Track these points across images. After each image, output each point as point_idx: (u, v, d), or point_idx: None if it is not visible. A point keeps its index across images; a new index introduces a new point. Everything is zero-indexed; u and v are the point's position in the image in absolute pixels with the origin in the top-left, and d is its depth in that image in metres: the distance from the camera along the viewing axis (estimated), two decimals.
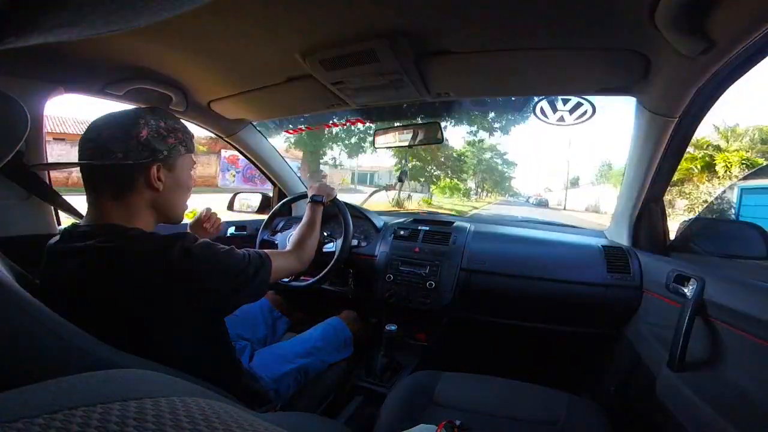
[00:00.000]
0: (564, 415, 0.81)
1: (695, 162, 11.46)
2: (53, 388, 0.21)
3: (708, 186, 11.15)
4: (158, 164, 0.64)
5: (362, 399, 1.02)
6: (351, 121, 1.41)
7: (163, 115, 0.66)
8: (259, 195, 1.74)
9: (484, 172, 31.40)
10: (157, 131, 0.64)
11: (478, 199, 30.15)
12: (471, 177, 29.98)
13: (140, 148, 0.61)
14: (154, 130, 0.63)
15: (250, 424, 0.20)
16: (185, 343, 0.63)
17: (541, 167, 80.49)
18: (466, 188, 27.52)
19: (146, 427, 0.18)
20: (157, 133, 0.64)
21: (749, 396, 0.63)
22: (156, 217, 0.68)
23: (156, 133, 0.63)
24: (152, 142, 0.63)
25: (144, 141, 0.62)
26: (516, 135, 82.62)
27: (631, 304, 1.08)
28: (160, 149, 0.64)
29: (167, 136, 0.65)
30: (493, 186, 34.02)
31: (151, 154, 0.62)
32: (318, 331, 1.13)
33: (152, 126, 0.63)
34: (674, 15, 0.55)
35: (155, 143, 0.63)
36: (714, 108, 0.78)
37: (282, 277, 0.83)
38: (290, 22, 0.71)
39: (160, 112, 0.66)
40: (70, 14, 0.16)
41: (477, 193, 32.14)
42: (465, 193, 26.08)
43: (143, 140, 0.62)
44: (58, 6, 0.15)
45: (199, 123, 1.33)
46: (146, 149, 0.62)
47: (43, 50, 0.79)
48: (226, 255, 0.66)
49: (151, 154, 0.62)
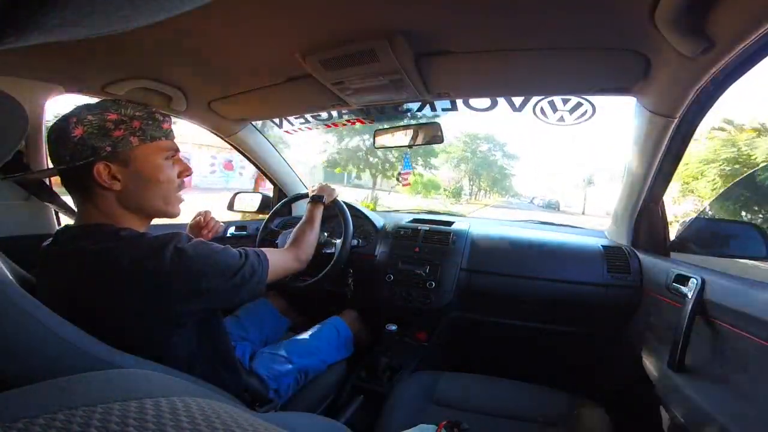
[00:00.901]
0: (564, 415, 0.81)
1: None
2: (54, 388, 0.21)
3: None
4: (104, 162, 0.59)
5: (362, 399, 1.02)
6: (351, 121, 1.41)
7: (113, 106, 0.61)
8: (259, 195, 1.74)
9: (479, 167, 26.77)
10: (99, 126, 0.58)
11: (470, 201, 26.06)
12: (464, 174, 26.58)
13: (79, 148, 0.57)
14: (94, 125, 0.58)
15: (250, 424, 0.20)
16: (185, 344, 0.63)
17: (549, 160, 72.65)
18: (456, 187, 24.01)
19: (146, 427, 0.18)
20: (98, 129, 0.58)
21: (749, 396, 0.63)
22: (138, 215, 0.65)
23: (96, 129, 0.58)
24: (89, 140, 0.58)
25: (79, 140, 0.57)
26: (517, 122, 64.83)
27: (631, 304, 1.08)
28: (101, 145, 0.58)
29: (113, 129, 0.59)
30: (491, 184, 29.14)
31: (92, 152, 0.58)
32: (318, 331, 1.13)
33: (90, 122, 0.58)
34: (674, 15, 0.55)
35: (93, 140, 0.58)
36: (714, 108, 0.78)
37: (280, 276, 0.82)
38: (290, 22, 0.71)
39: (108, 104, 0.61)
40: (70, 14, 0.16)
41: (471, 192, 28.38)
42: (454, 193, 22.39)
43: (78, 140, 0.57)
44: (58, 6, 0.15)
45: (199, 123, 1.33)
46: (86, 148, 0.57)
47: (43, 50, 0.78)
48: (221, 253, 0.64)
49: (92, 152, 0.58)
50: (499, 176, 28.64)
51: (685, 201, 10.14)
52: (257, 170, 1.66)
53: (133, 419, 0.18)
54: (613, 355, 1.18)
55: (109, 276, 0.55)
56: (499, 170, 28.33)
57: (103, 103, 0.61)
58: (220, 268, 0.63)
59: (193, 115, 1.24)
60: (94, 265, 0.55)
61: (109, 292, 0.55)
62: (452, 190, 22.98)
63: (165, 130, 0.66)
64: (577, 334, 1.20)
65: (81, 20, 0.16)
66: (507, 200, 30.70)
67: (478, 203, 25.82)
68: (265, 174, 1.67)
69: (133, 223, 0.64)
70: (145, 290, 0.56)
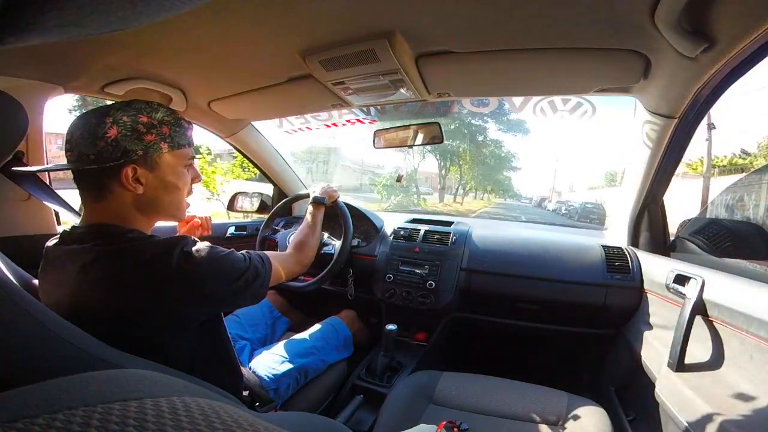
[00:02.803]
0: (564, 415, 0.81)
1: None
2: (54, 388, 0.21)
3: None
4: (132, 165, 0.58)
5: (362, 399, 1.03)
6: (351, 121, 1.41)
7: (146, 108, 0.60)
8: (258, 195, 1.74)
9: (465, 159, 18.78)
10: (132, 128, 0.57)
11: (448, 204, 19.40)
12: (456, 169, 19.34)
13: (110, 149, 0.56)
14: (127, 127, 0.57)
15: (250, 424, 0.20)
16: (185, 344, 0.63)
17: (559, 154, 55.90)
18: (394, 176, 15.66)
19: (147, 427, 0.18)
20: (132, 131, 0.57)
21: (749, 396, 0.63)
22: (148, 217, 0.65)
23: (129, 131, 0.57)
24: (123, 142, 0.56)
25: (113, 141, 0.56)
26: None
27: (631, 304, 1.08)
28: (133, 149, 0.57)
29: (145, 133, 0.59)
30: (481, 181, 21.19)
31: (123, 154, 0.57)
32: (317, 330, 1.13)
33: (124, 123, 0.57)
34: (674, 15, 0.55)
35: (127, 143, 0.57)
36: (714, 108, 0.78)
37: (282, 279, 0.83)
38: (290, 22, 0.71)
39: (140, 106, 0.60)
40: (70, 14, 0.16)
41: (458, 191, 21.44)
42: (385, 187, 14.90)
43: (111, 141, 0.56)
44: (58, 6, 0.15)
45: (199, 123, 1.33)
46: (117, 150, 0.56)
47: (43, 50, 0.78)
48: (227, 258, 0.65)
49: (123, 154, 0.57)
50: (493, 170, 20.19)
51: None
52: (258, 170, 1.66)
53: (133, 419, 0.18)
54: (613, 355, 1.18)
55: (115, 277, 0.55)
56: (497, 160, 19.81)
57: (136, 104, 0.60)
58: (225, 271, 0.63)
59: (193, 115, 1.24)
60: (101, 265, 0.55)
61: (114, 293, 0.55)
62: (382, 183, 15.18)
63: (188, 137, 0.66)
64: (577, 334, 1.20)
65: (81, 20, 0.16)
66: (505, 201, 23.19)
67: (457, 207, 18.97)
68: (266, 174, 1.67)
69: (142, 224, 0.64)
70: (150, 292, 0.56)
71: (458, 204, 20.70)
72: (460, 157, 19.44)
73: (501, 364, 1.29)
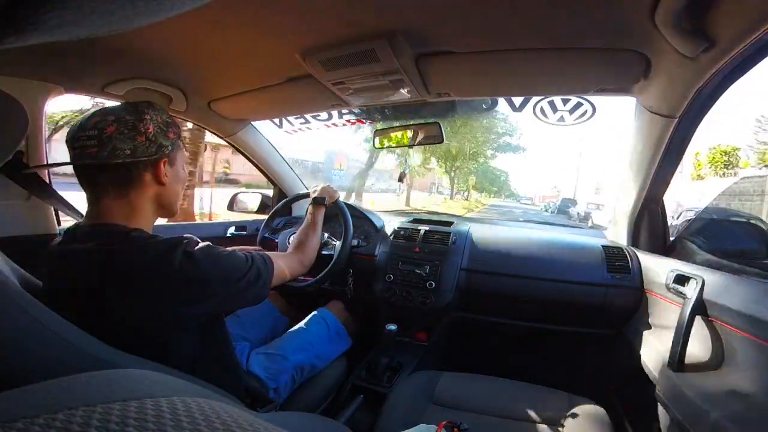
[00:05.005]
0: (564, 415, 0.81)
1: None
2: (54, 388, 0.21)
3: None
4: (165, 159, 0.65)
5: (362, 399, 1.03)
6: (351, 121, 1.41)
7: (161, 109, 0.66)
8: (258, 195, 1.74)
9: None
10: (161, 126, 0.63)
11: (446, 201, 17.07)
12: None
13: (148, 144, 0.61)
14: (158, 125, 0.63)
15: (250, 424, 0.20)
16: (186, 344, 0.63)
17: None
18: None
19: (147, 427, 0.18)
20: (161, 128, 0.63)
21: (749, 396, 0.62)
22: (156, 212, 0.68)
23: (159, 128, 0.63)
24: (158, 138, 0.63)
25: (152, 137, 0.61)
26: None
27: (631, 304, 1.08)
28: (166, 144, 0.64)
29: (168, 131, 0.65)
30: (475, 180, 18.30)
31: (158, 149, 0.63)
32: (306, 324, 1.12)
33: (156, 121, 0.63)
34: (674, 15, 0.55)
35: (161, 138, 0.63)
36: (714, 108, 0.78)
37: (284, 280, 0.83)
38: (290, 22, 0.71)
39: (158, 107, 0.66)
40: (70, 14, 0.16)
41: (450, 188, 19.24)
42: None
43: (151, 136, 0.61)
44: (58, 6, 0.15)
45: (199, 123, 1.33)
46: (154, 145, 0.62)
47: (43, 50, 0.78)
48: (229, 258, 0.65)
49: (158, 149, 0.63)
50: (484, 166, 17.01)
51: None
52: (258, 170, 1.66)
53: (133, 419, 0.18)
54: (613, 355, 1.18)
55: (118, 277, 0.55)
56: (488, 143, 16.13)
57: (155, 105, 0.65)
58: (227, 272, 0.64)
59: (193, 115, 1.24)
60: (104, 265, 0.55)
61: (117, 293, 0.55)
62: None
63: (183, 136, 0.73)
64: (577, 334, 1.20)
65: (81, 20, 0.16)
66: (503, 200, 21.52)
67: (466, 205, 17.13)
68: (266, 174, 1.67)
69: (147, 221, 0.66)
70: (153, 292, 0.56)
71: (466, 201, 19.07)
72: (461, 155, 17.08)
73: (501, 364, 1.29)
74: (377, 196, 15.15)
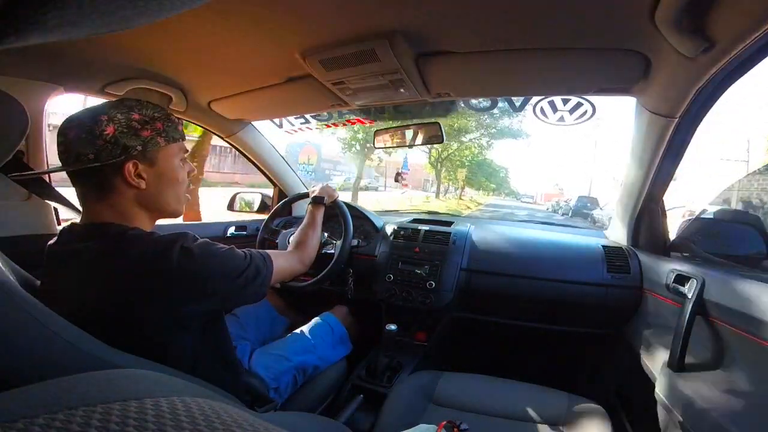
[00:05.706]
0: (564, 415, 0.81)
1: None
2: (54, 388, 0.21)
3: None
4: (133, 161, 0.60)
5: (362, 399, 1.03)
6: (351, 121, 1.41)
7: (136, 105, 0.61)
8: (258, 195, 1.74)
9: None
10: (128, 125, 0.59)
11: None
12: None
13: (109, 146, 0.57)
14: (123, 124, 0.58)
15: (250, 424, 0.20)
16: (186, 344, 0.63)
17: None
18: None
19: (147, 427, 0.18)
20: (128, 128, 0.58)
21: (749, 396, 0.63)
22: (148, 214, 0.65)
23: (126, 128, 0.58)
24: (122, 139, 0.58)
25: (111, 139, 0.57)
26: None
27: (631, 304, 1.08)
28: (133, 145, 0.59)
29: (142, 129, 0.60)
30: (467, 176, 16.39)
31: (123, 151, 0.58)
32: (312, 327, 1.13)
33: (119, 121, 0.58)
34: (674, 15, 0.55)
35: (125, 139, 0.58)
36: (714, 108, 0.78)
37: (283, 279, 0.83)
38: (290, 22, 0.71)
39: (131, 103, 0.61)
40: (70, 14, 0.16)
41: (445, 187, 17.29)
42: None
43: (110, 138, 0.57)
44: (58, 6, 0.15)
45: (199, 123, 1.33)
46: (117, 147, 0.57)
47: (43, 50, 0.79)
48: (227, 255, 0.65)
49: (123, 151, 0.58)
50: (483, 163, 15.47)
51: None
52: (258, 170, 1.66)
53: (133, 419, 0.18)
54: (613, 355, 1.18)
55: (115, 276, 0.55)
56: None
57: (127, 102, 0.61)
58: (225, 269, 0.63)
59: (193, 115, 1.24)
60: (101, 264, 0.55)
61: (115, 292, 0.55)
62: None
63: (180, 131, 0.68)
64: (577, 334, 1.20)
65: (81, 20, 0.16)
66: (502, 198, 20.12)
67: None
68: (265, 174, 1.67)
69: (143, 222, 0.64)
70: (151, 290, 0.56)
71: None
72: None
73: (501, 364, 1.29)
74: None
